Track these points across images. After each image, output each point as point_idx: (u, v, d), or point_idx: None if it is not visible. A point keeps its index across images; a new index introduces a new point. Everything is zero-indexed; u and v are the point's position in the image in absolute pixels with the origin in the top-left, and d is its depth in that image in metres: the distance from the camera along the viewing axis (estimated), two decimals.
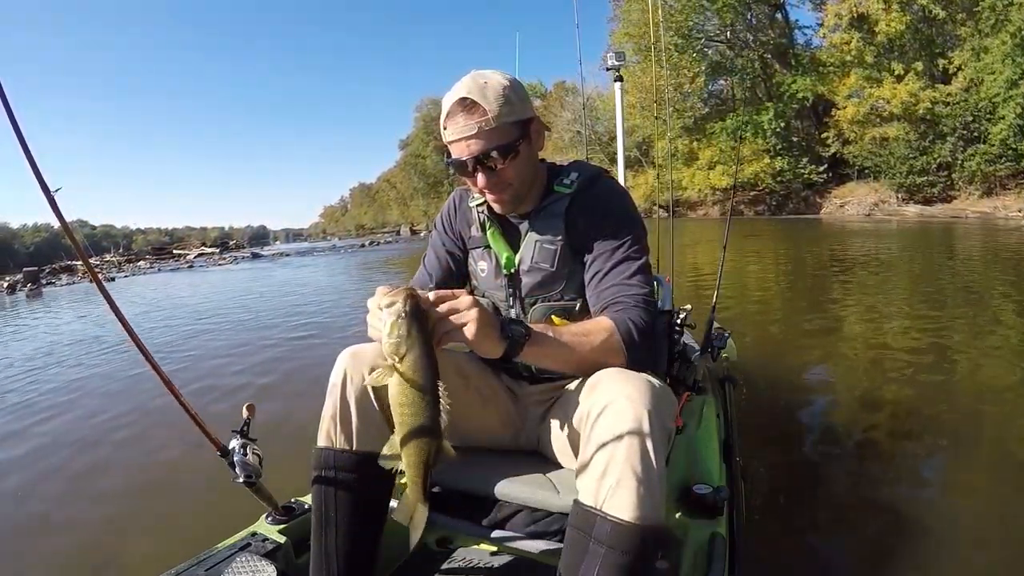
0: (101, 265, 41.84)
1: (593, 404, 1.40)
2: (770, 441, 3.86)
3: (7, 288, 29.81)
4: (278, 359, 7.58)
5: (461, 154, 1.67)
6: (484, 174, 1.68)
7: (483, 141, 1.64)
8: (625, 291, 1.66)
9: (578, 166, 1.90)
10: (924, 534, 2.74)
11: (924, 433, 3.91)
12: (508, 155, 1.67)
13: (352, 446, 1.67)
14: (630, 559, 1.29)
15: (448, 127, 1.68)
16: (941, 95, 31.84)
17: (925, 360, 5.44)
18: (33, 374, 8.15)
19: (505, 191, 1.74)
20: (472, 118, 1.63)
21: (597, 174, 1.87)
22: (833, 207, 37.11)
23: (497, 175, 1.69)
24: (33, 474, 4.48)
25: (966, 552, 2.59)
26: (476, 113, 1.63)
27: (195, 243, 73.84)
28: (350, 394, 1.67)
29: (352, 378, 1.67)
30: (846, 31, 35.35)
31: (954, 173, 31.83)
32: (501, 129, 1.65)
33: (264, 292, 17.33)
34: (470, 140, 1.65)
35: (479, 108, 1.63)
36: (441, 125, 1.72)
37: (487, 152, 1.65)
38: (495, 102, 1.63)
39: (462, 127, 1.64)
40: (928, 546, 2.64)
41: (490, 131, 1.63)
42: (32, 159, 1.64)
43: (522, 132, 1.71)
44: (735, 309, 8.57)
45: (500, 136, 1.65)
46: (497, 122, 1.63)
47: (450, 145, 1.71)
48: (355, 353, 1.72)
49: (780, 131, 39.12)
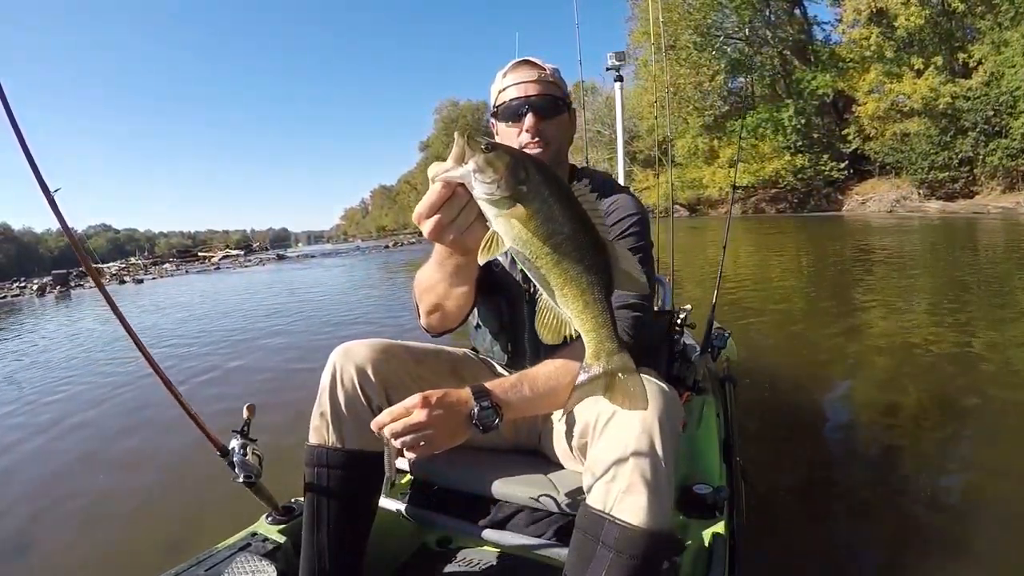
0: (127, 268, 42.27)
1: (603, 409, 1.39)
2: (787, 439, 3.86)
3: (37, 290, 30.38)
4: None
5: (519, 94, 1.83)
6: (534, 115, 1.81)
7: (540, 87, 1.83)
8: (618, 300, 1.64)
9: (588, 174, 1.98)
10: (926, 534, 2.73)
11: (933, 430, 3.88)
12: (557, 107, 1.86)
13: (343, 444, 1.69)
14: (637, 563, 1.29)
15: (508, 76, 1.87)
16: (961, 89, 31.54)
17: (946, 354, 5.41)
18: (49, 372, 8.41)
19: (544, 147, 1.83)
20: (533, 70, 1.85)
21: (604, 181, 1.94)
22: (855, 204, 36.86)
23: (543, 125, 1.82)
24: (33, 473, 4.56)
25: (971, 551, 2.57)
26: (536, 68, 1.86)
27: (218, 246, 74.28)
28: (341, 392, 1.69)
29: (343, 376, 1.69)
30: (865, 26, 35.15)
31: (976, 168, 31.51)
32: (555, 85, 1.87)
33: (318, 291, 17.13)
34: (529, 84, 1.83)
35: (538, 67, 1.87)
36: (499, 80, 1.91)
37: (542, 96, 1.82)
38: (550, 68, 1.88)
39: (523, 74, 1.85)
40: (929, 547, 2.63)
41: (547, 82, 1.85)
42: (32, 159, 1.65)
43: (567, 101, 1.91)
44: (757, 307, 8.57)
45: (554, 90, 1.86)
46: (552, 79, 1.86)
47: (505, 91, 1.87)
48: (347, 350, 1.74)
49: (800, 128, 38.90)
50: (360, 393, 1.68)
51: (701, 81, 43.30)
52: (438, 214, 1.17)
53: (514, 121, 1.82)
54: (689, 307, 2.85)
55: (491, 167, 1.04)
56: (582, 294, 1.07)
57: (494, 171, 1.04)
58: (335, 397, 1.69)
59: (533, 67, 1.86)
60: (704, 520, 1.85)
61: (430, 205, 1.16)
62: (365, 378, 1.69)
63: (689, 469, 2.13)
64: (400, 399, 1.53)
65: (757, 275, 12.51)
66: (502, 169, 1.04)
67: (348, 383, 1.69)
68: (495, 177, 1.04)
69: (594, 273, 1.07)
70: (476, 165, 1.05)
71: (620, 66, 3.98)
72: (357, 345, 1.75)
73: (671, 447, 1.36)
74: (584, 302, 1.07)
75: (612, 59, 3.93)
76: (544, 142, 1.81)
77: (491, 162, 1.05)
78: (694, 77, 43.45)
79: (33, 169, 1.67)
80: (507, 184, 1.04)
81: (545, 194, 1.06)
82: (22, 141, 1.63)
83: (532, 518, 1.74)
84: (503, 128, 1.86)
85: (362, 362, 1.70)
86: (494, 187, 1.04)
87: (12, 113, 1.59)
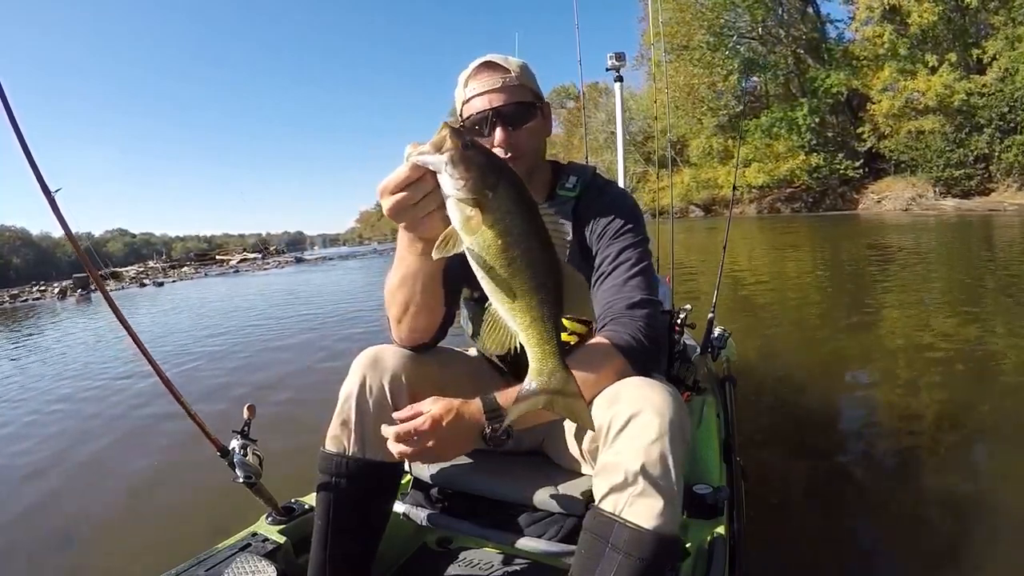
0: (145, 271, 42.54)
1: (617, 413, 1.37)
2: (791, 437, 3.84)
3: (58, 294, 30.69)
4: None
5: (484, 106, 1.71)
6: (502, 129, 1.70)
7: (505, 95, 1.71)
8: (625, 299, 1.63)
9: (574, 168, 1.91)
10: (930, 536, 2.71)
11: (943, 432, 3.83)
12: (527, 113, 1.75)
13: (364, 454, 1.64)
14: (645, 567, 1.28)
15: (471, 84, 1.74)
16: (976, 86, 31.35)
17: (960, 352, 5.38)
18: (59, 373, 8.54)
19: (518, 156, 1.73)
20: (496, 75, 1.72)
21: (594, 176, 1.89)
22: (870, 202, 36.64)
23: (513, 135, 1.72)
24: (31, 472, 4.58)
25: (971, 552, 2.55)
26: (499, 72, 1.72)
27: (234, 249, 74.54)
28: (367, 400, 1.63)
29: (371, 384, 1.64)
30: (878, 23, 34.98)
31: (991, 165, 31.32)
32: (523, 88, 1.74)
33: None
34: (493, 94, 1.71)
35: (502, 68, 1.73)
36: (461, 88, 1.77)
37: (508, 104, 1.71)
38: (516, 67, 1.75)
39: (486, 82, 1.71)
40: (930, 547, 2.61)
41: (512, 88, 1.71)
42: (32, 159, 1.66)
43: (538, 102, 1.79)
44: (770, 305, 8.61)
45: (521, 94, 1.73)
46: (519, 81, 1.73)
47: (470, 103, 1.75)
48: (375, 357, 1.68)
49: (815, 127, 38.72)
50: (390, 402, 1.62)
51: (715, 81, 43.18)
52: (402, 192, 1.17)
53: (481, 136, 1.72)
54: (689, 307, 2.83)
55: (463, 165, 1.06)
56: (530, 310, 1.10)
57: (465, 170, 1.05)
58: (362, 405, 1.63)
59: (496, 71, 1.74)
60: (704, 520, 1.85)
61: (396, 182, 1.16)
62: (396, 386, 1.64)
63: (689, 469, 2.12)
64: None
65: (772, 274, 12.49)
66: (474, 170, 1.05)
67: (377, 391, 1.63)
68: (465, 176, 1.05)
69: (545, 291, 1.10)
70: (450, 158, 1.06)
71: (620, 66, 3.97)
72: (385, 351, 1.70)
73: (682, 453, 1.36)
74: (531, 318, 1.10)
75: (612, 59, 3.92)
76: (517, 153, 1.72)
77: (465, 160, 1.06)
78: (708, 77, 43.33)
79: (33, 169, 1.67)
80: (473, 186, 1.05)
81: (508, 207, 1.07)
82: (22, 141, 1.64)
83: (533, 519, 1.73)
84: None
85: (393, 369, 1.65)
86: (460, 184, 1.06)
87: (12, 113, 1.60)
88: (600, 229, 1.77)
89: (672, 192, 5.56)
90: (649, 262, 1.74)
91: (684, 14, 41.64)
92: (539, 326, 1.10)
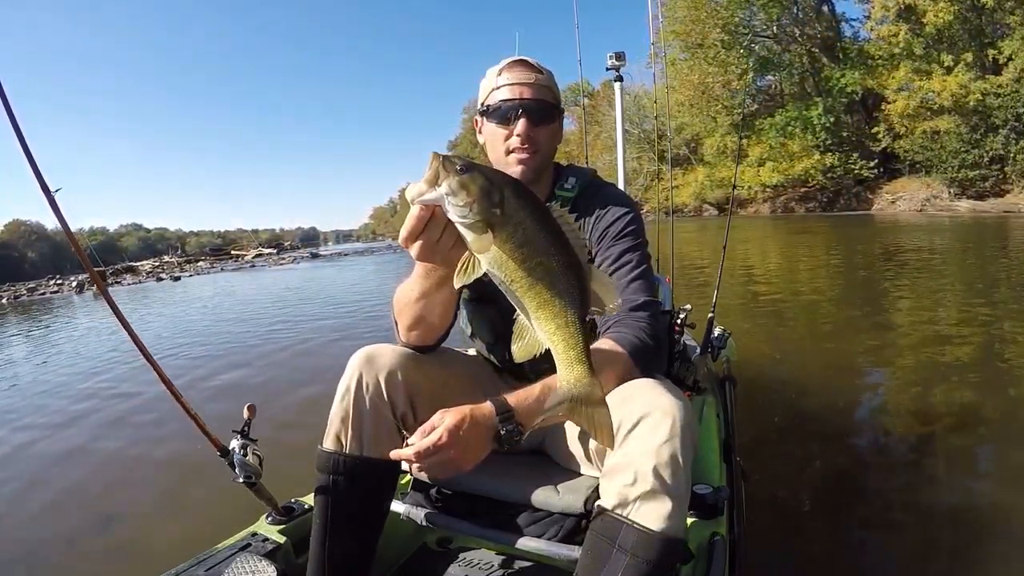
0: (161, 265, 42.72)
1: (627, 415, 1.38)
2: (794, 437, 3.86)
3: (76, 287, 30.92)
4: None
5: (513, 96, 1.79)
6: (526, 121, 1.77)
7: (534, 91, 1.79)
8: (628, 302, 1.65)
9: (573, 171, 1.94)
10: (928, 534, 2.71)
11: (949, 434, 3.83)
12: (551, 114, 1.84)
13: (362, 451, 1.65)
14: (651, 568, 1.28)
15: (504, 75, 1.82)
16: (992, 86, 31.02)
17: (972, 353, 5.40)
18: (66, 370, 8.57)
19: (533, 153, 1.80)
20: (529, 72, 1.82)
21: (592, 177, 1.93)
22: (885, 203, 36.35)
23: (534, 131, 1.79)
24: (31, 471, 4.61)
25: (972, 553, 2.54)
26: (532, 70, 1.83)
27: (249, 244, 74.78)
28: (364, 397, 1.65)
29: (367, 381, 1.65)
30: (894, 23, 34.69)
31: (1007, 166, 30.98)
32: (549, 91, 1.84)
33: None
34: (524, 87, 1.79)
35: (535, 68, 1.84)
36: (492, 78, 1.85)
37: (536, 100, 1.79)
38: (546, 74, 1.86)
39: (519, 75, 1.81)
40: (931, 547, 2.61)
41: (541, 87, 1.81)
42: (32, 159, 1.67)
43: (560, 109, 1.89)
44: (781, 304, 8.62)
45: (547, 95, 1.83)
46: (547, 84, 1.83)
47: (499, 90, 1.82)
48: (371, 355, 1.69)
49: (830, 126, 38.49)
50: (387, 400, 1.65)
51: (729, 80, 42.98)
52: (421, 237, 1.17)
53: (505, 123, 1.79)
54: (689, 307, 2.84)
55: (464, 190, 1.05)
56: (555, 316, 1.08)
57: (467, 194, 1.05)
58: (359, 403, 1.65)
59: (529, 68, 1.82)
60: (704, 520, 1.85)
61: (411, 230, 1.17)
62: (392, 384, 1.66)
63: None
64: (423, 407, 1.58)
65: (782, 273, 12.47)
66: (475, 192, 1.05)
67: (373, 389, 1.65)
68: (468, 200, 1.05)
69: (568, 295, 1.08)
70: (449, 188, 1.06)
71: (620, 66, 3.99)
72: (382, 349, 1.71)
73: (690, 455, 1.37)
74: (556, 324, 1.09)
75: (612, 59, 3.94)
76: (534, 149, 1.79)
77: (464, 185, 1.05)
78: (723, 76, 43.13)
79: (33, 169, 1.69)
80: (480, 208, 1.05)
81: (520, 217, 1.07)
82: (22, 141, 1.65)
83: (533, 518, 1.73)
84: (491, 128, 1.83)
85: (389, 367, 1.67)
86: (467, 211, 1.05)
87: (12, 112, 1.61)
88: (599, 230, 1.79)
89: (672, 191, 5.56)
90: (648, 264, 1.76)
91: (699, 12, 41.45)
92: (564, 332, 1.09)
